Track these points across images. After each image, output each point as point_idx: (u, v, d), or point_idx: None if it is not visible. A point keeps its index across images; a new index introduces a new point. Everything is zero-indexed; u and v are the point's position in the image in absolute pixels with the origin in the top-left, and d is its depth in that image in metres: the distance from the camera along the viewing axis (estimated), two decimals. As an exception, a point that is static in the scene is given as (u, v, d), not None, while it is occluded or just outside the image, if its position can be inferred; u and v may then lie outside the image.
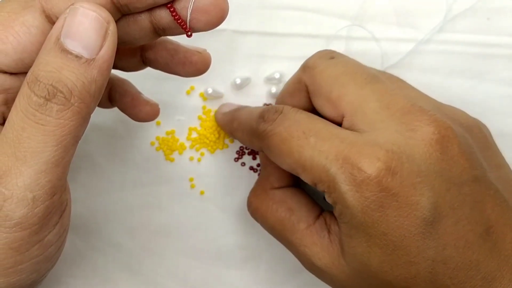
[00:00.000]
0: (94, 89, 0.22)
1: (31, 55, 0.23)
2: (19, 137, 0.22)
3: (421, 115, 0.27)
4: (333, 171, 0.26)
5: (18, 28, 0.23)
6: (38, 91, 0.21)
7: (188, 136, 0.37)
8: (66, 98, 0.22)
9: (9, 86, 0.25)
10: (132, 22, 0.25)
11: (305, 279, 0.36)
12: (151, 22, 0.25)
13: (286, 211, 0.31)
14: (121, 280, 0.37)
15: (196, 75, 0.31)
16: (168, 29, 0.25)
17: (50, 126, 0.22)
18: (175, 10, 0.24)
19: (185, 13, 0.24)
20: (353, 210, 0.26)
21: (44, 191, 0.22)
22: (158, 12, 0.24)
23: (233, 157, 0.37)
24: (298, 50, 0.37)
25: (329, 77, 0.30)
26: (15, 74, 0.24)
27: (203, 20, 0.24)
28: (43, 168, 0.22)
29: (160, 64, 0.30)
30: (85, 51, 0.22)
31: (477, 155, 0.27)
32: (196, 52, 0.30)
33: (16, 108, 0.22)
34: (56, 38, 0.22)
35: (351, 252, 0.27)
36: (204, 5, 0.24)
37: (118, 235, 0.37)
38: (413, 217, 0.25)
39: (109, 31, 0.22)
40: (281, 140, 0.28)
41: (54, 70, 0.21)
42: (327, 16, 0.37)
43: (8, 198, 0.22)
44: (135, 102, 0.32)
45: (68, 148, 0.22)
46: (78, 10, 0.22)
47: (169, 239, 0.37)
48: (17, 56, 0.23)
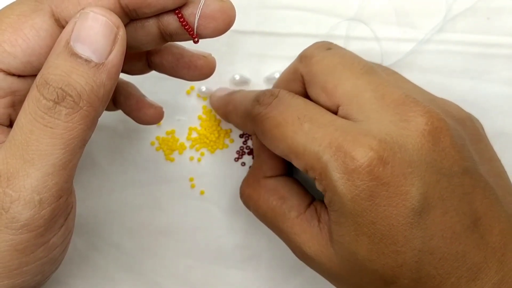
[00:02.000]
0: (103, 93, 0.22)
1: (39, 58, 0.24)
2: (28, 139, 0.22)
3: (415, 106, 0.27)
4: (326, 158, 0.26)
5: (28, 31, 0.23)
6: (48, 94, 0.22)
7: (188, 136, 0.37)
8: (75, 102, 0.22)
9: (17, 89, 0.25)
10: (139, 27, 0.25)
11: (306, 278, 0.36)
12: (159, 28, 0.25)
13: (278, 200, 0.31)
14: (121, 280, 0.37)
15: (201, 79, 0.31)
16: (175, 35, 0.25)
17: (58, 129, 0.22)
18: (183, 16, 0.24)
19: (192, 19, 0.24)
20: (343, 198, 0.26)
21: (51, 193, 0.22)
22: (166, 18, 0.24)
23: (233, 157, 0.37)
24: (298, 50, 0.36)
25: (326, 67, 0.30)
26: (23, 76, 0.25)
27: (210, 27, 0.24)
28: (50, 171, 0.22)
29: (165, 68, 0.31)
30: (95, 55, 0.22)
31: (468, 147, 0.28)
32: (201, 56, 0.30)
33: (25, 110, 0.22)
34: (66, 41, 0.22)
35: (339, 240, 0.27)
36: (211, 12, 0.24)
37: (118, 235, 0.37)
38: (402, 207, 0.25)
39: (119, 36, 0.22)
40: (275, 125, 0.28)
41: (63, 73, 0.22)
42: (327, 16, 0.37)
43: (15, 200, 0.22)
44: (140, 105, 0.32)
45: (75, 151, 0.23)
46: (88, 15, 0.22)
47: (169, 239, 0.37)
48: (26, 59, 0.24)
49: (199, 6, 0.24)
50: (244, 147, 0.37)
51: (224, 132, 0.37)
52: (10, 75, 0.24)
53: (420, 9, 0.37)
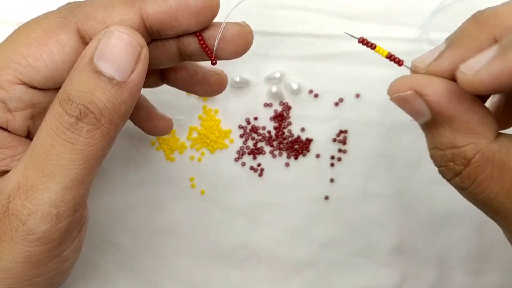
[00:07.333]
0: (124, 110, 0.23)
1: (62, 73, 0.24)
2: (48, 153, 0.22)
3: None
4: None
5: (52, 47, 0.24)
6: (70, 110, 0.22)
7: (188, 135, 0.37)
8: (96, 119, 0.22)
9: (38, 101, 0.25)
10: (160, 46, 0.25)
11: (306, 278, 0.36)
12: (178, 48, 0.25)
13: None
14: (121, 280, 0.37)
15: (213, 95, 0.31)
16: (193, 56, 0.26)
17: (79, 145, 0.22)
18: (203, 39, 0.25)
19: (212, 42, 0.25)
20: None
21: (68, 207, 0.23)
22: (186, 39, 0.25)
23: (233, 157, 0.37)
24: (299, 50, 0.37)
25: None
26: (44, 89, 0.25)
27: (229, 50, 0.25)
28: (69, 185, 0.22)
29: (178, 83, 0.31)
30: (118, 74, 0.22)
31: None
32: (214, 73, 0.30)
33: (46, 124, 0.22)
34: (90, 58, 0.22)
35: None
36: (231, 36, 0.25)
37: (118, 235, 0.37)
38: None
39: (142, 56, 0.23)
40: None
41: (86, 90, 0.22)
42: (327, 16, 0.37)
43: (33, 213, 0.22)
44: (150, 116, 0.33)
45: (94, 167, 0.23)
46: (113, 33, 0.22)
47: (170, 239, 0.37)
48: (49, 73, 0.24)
49: (220, 30, 0.24)
50: (244, 147, 0.37)
51: (224, 132, 0.37)
52: (32, 88, 0.24)
53: (420, 9, 0.36)
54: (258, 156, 0.37)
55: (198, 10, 0.24)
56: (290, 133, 0.37)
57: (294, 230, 0.37)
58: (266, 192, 0.37)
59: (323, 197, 0.37)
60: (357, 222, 0.37)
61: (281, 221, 0.37)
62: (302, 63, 0.37)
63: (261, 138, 0.37)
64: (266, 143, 0.37)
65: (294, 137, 0.37)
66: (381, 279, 0.37)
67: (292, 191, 0.37)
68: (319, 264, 0.37)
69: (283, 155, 0.37)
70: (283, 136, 0.37)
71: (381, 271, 0.37)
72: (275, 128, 0.37)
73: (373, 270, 0.37)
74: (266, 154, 0.37)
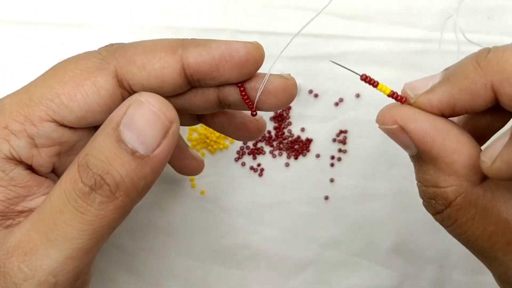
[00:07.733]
0: (143, 186, 0.22)
1: (95, 115, 0.23)
2: (56, 218, 0.21)
3: None
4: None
5: (88, 88, 0.23)
6: (86, 178, 0.21)
7: (188, 136, 0.37)
8: (111, 192, 0.21)
9: (66, 140, 0.24)
10: (200, 94, 0.24)
11: (306, 278, 0.36)
12: (218, 97, 0.24)
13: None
14: (122, 280, 0.37)
15: (248, 140, 0.30)
16: (233, 105, 0.25)
17: (89, 216, 0.21)
18: (245, 90, 0.24)
19: (254, 93, 0.24)
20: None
21: (68, 277, 0.22)
22: (227, 89, 0.24)
23: (233, 157, 0.37)
24: (298, 50, 0.37)
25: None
26: (74, 128, 0.24)
27: (270, 102, 0.24)
28: (73, 255, 0.21)
29: (215, 126, 0.30)
30: (142, 147, 0.21)
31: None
32: (253, 120, 0.29)
33: (60, 186, 0.21)
34: (116, 124, 0.21)
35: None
36: (274, 89, 0.24)
37: (119, 235, 0.37)
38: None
39: (170, 131, 0.21)
40: None
41: (105, 160, 0.21)
42: (327, 16, 0.37)
43: (29, 279, 0.21)
44: (182, 155, 0.32)
45: (102, 238, 0.22)
46: (143, 104, 0.21)
47: (170, 239, 0.37)
48: (81, 114, 0.23)
49: (263, 82, 0.24)
50: (244, 147, 0.37)
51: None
52: (62, 126, 0.24)
53: (420, 9, 0.37)
54: (258, 156, 0.37)
55: (242, 62, 0.23)
56: (290, 133, 0.37)
57: (294, 230, 0.37)
58: (266, 192, 0.37)
59: (323, 197, 0.37)
60: (357, 222, 0.37)
61: (281, 221, 0.37)
62: (302, 63, 0.37)
63: (261, 138, 0.37)
64: (266, 143, 0.37)
65: (294, 137, 0.37)
66: (381, 279, 0.37)
67: (292, 191, 0.37)
68: (319, 264, 0.37)
69: (283, 155, 0.37)
70: (283, 136, 0.37)
71: (381, 271, 0.37)
72: (275, 128, 0.37)
73: (373, 270, 0.37)
74: (266, 154, 0.37)
